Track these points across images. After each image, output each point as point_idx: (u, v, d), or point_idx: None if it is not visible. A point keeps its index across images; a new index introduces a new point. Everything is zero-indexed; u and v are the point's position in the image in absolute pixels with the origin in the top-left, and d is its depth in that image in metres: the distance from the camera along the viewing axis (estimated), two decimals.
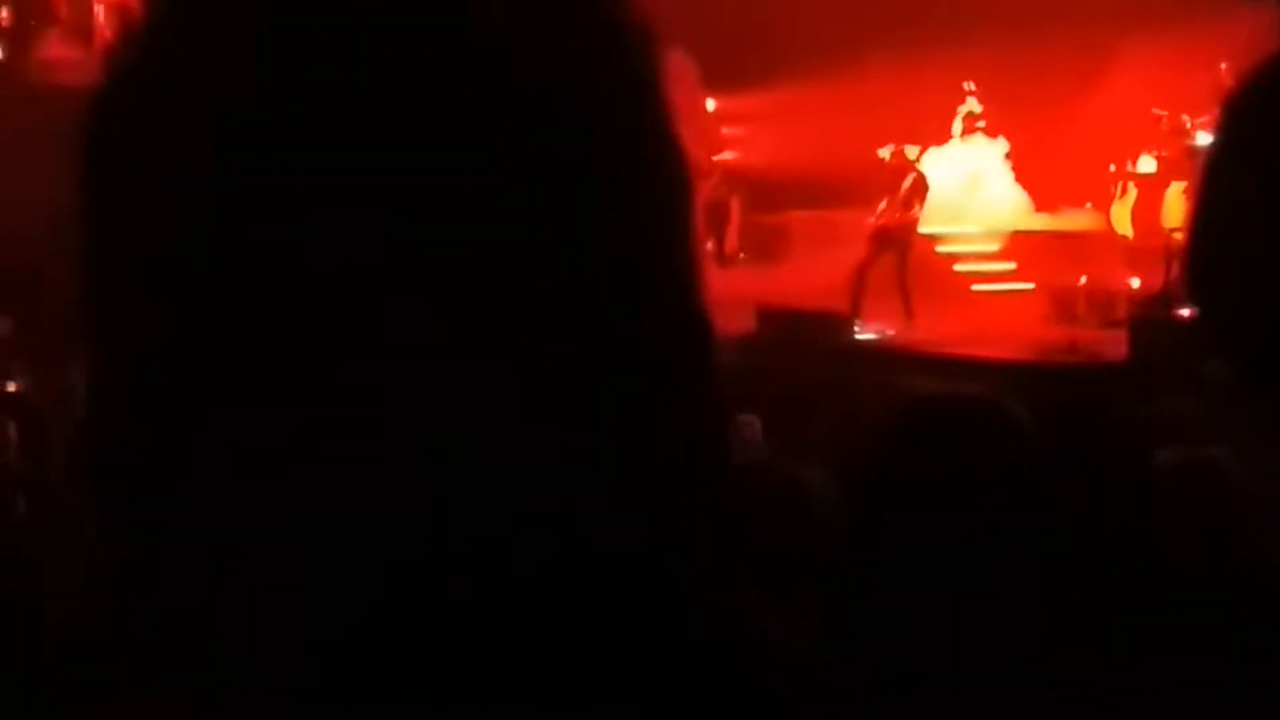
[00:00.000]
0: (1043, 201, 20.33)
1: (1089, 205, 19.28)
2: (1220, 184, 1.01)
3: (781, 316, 14.68)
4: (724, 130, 24.01)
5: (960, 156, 20.92)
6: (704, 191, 21.23)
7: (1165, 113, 17.98)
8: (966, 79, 20.82)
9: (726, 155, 23.29)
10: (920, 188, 16.50)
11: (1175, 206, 16.27)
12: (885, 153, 17.11)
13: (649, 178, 0.74)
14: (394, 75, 0.70)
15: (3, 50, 19.38)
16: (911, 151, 17.83)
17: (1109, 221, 18.56)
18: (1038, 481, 1.86)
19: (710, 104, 24.12)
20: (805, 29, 21.64)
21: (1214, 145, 1.04)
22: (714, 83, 23.71)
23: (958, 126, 21.03)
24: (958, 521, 1.82)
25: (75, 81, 16.18)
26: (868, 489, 1.92)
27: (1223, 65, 15.51)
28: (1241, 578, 2.55)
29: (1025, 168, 20.60)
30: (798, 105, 21.76)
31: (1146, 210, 17.51)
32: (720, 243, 20.82)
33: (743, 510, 2.47)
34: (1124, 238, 17.30)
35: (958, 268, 18.57)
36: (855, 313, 15.56)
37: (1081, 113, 19.24)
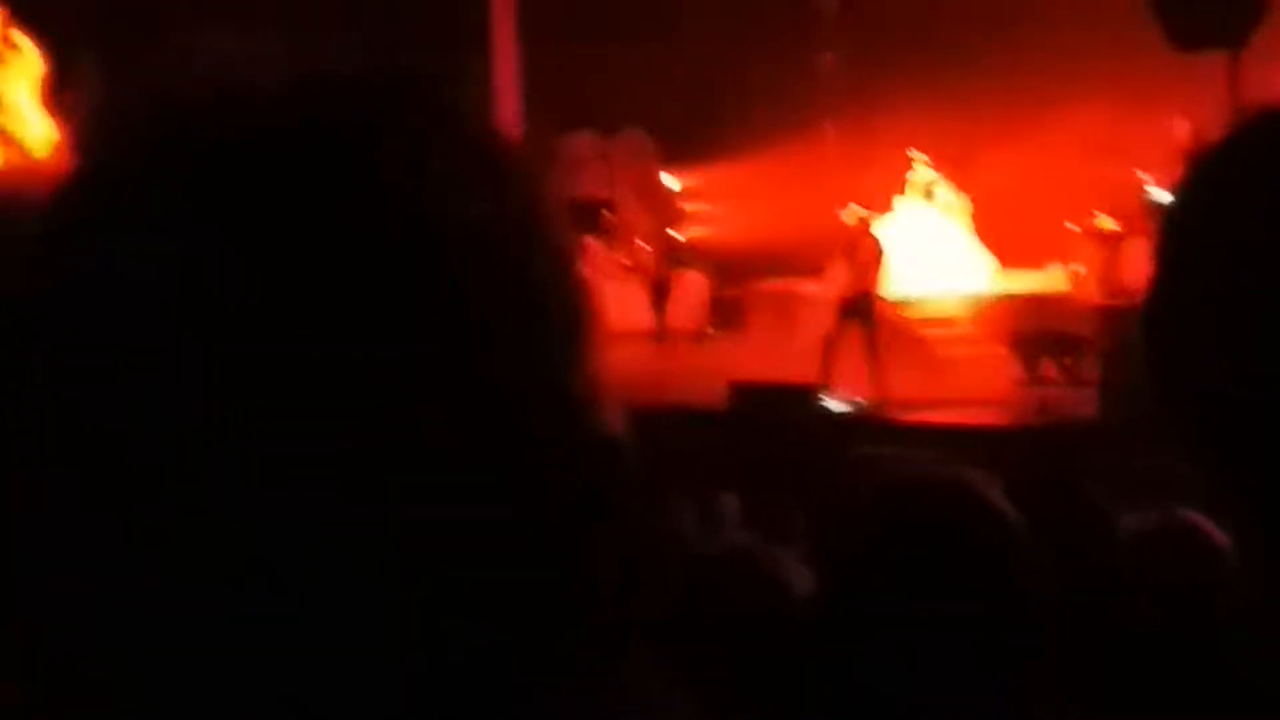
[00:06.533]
0: (1006, 262, 20.43)
1: (1052, 265, 19.37)
2: (1185, 247, 1.01)
3: (753, 390, 14.68)
4: (688, 207, 24.10)
5: (923, 220, 21.03)
6: (650, 270, 21.30)
7: (1121, 170, 18.11)
8: (921, 143, 20.97)
9: (689, 231, 23.37)
10: (876, 254, 16.55)
11: (1135, 264, 16.35)
12: (848, 215, 17.17)
13: (538, 307, 0.76)
14: (290, 211, 0.71)
15: None
16: (873, 216, 17.91)
17: (1072, 280, 18.64)
18: (1013, 567, 1.85)
19: (674, 183, 24.22)
20: (764, 103, 21.80)
21: (1179, 206, 1.04)
22: (676, 160, 23.84)
23: (915, 191, 21.16)
24: (934, 611, 1.82)
25: None
26: (843, 581, 1.92)
27: (1178, 121, 15.64)
28: (1219, 649, 2.54)
29: (987, 229, 20.71)
30: (758, 178, 21.87)
31: (1108, 268, 17.60)
32: (662, 318, 20.84)
33: (718, 598, 2.46)
34: (1088, 296, 17.37)
35: (925, 332, 18.62)
36: (826, 383, 15.57)
37: (1040, 171, 19.35)
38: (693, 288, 22.02)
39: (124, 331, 0.70)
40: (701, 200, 24.09)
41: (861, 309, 16.18)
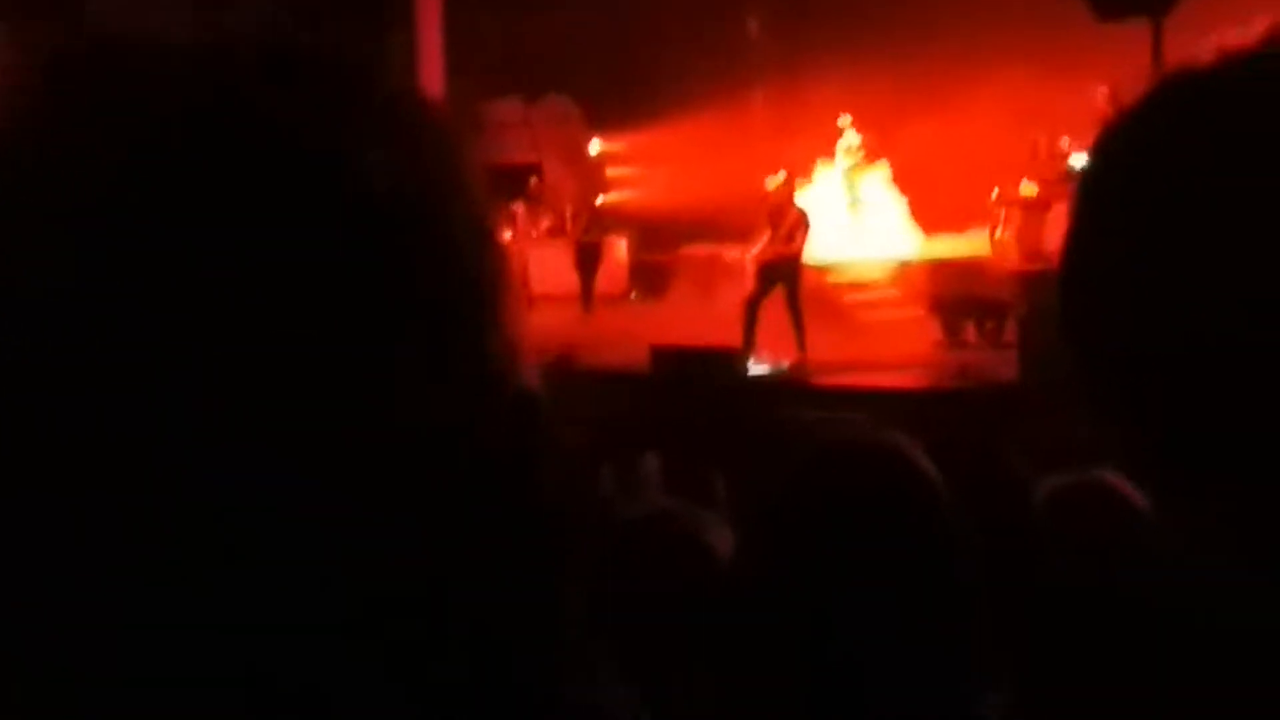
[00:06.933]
0: (929, 228, 20.56)
1: (974, 230, 19.50)
2: (1100, 212, 1.02)
3: (675, 354, 14.71)
4: (611, 171, 24.11)
5: (845, 186, 21.11)
6: (575, 235, 21.33)
7: (1043, 137, 18.25)
8: (845, 109, 21.03)
9: (613, 196, 23.39)
10: (802, 221, 16.59)
11: (1056, 229, 16.45)
12: (773, 182, 17.19)
13: (456, 269, 0.76)
14: (196, 173, 0.71)
15: None
16: (799, 182, 17.95)
17: (994, 246, 18.77)
18: (941, 530, 1.87)
19: (595, 146, 24.20)
20: (688, 69, 21.79)
21: (1094, 170, 1.04)
22: (601, 125, 23.81)
23: (840, 158, 21.24)
24: (862, 574, 1.83)
25: None
26: (770, 544, 1.93)
27: (1100, 89, 15.75)
28: (1135, 606, 2.58)
29: (909, 194, 20.83)
30: (682, 144, 21.89)
31: (1029, 234, 17.74)
32: (590, 285, 20.88)
33: (642, 561, 2.47)
34: (1009, 261, 17.50)
35: (848, 296, 18.71)
36: (748, 347, 15.61)
37: (963, 138, 19.46)
38: (616, 252, 22.05)
39: (21, 313, 0.69)
40: (626, 165, 24.10)
41: (785, 273, 16.22)
